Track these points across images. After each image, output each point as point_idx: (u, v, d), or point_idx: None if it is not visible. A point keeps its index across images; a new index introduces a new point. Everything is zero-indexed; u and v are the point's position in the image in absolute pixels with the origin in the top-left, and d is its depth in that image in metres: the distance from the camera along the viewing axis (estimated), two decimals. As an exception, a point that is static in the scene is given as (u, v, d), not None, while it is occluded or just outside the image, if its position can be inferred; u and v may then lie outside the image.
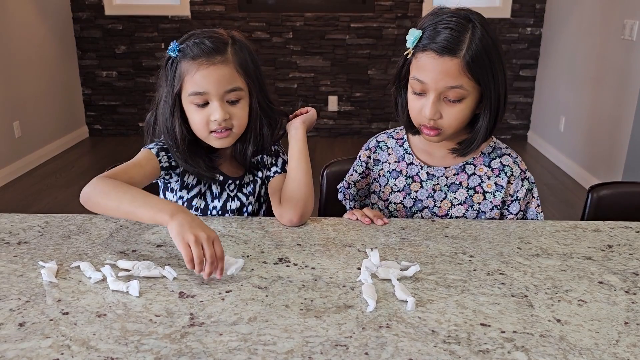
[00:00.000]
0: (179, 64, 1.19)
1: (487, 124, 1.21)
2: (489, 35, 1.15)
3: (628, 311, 0.90)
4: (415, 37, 1.16)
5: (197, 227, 0.97)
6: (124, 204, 1.06)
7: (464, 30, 1.13)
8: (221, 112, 1.18)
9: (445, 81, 1.14)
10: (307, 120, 1.34)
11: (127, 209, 1.06)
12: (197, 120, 1.20)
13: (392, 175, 1.35)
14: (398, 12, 4.70)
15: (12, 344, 0.79)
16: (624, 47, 3.39)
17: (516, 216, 1.31)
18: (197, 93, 1.18)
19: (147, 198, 1.06)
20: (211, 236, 0.97)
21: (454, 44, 1.12)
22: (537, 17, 4.71)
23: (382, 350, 0.79)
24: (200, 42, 1.18)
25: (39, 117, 4.27)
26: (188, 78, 1.18)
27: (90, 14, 4.74)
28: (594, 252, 1.11)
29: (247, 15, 4.73)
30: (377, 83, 4.90)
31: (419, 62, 1.17)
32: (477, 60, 1.13)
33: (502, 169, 1.31)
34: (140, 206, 1.04)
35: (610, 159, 3.56)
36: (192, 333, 0.82)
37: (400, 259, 1.06)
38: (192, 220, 0.99)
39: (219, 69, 1.17)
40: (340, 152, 4.51)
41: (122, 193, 1.07)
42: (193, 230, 0.96)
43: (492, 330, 0.84)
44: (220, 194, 1.31)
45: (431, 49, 1.14)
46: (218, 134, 1.21)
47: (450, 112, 1.18)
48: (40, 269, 1.00)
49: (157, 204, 1.03)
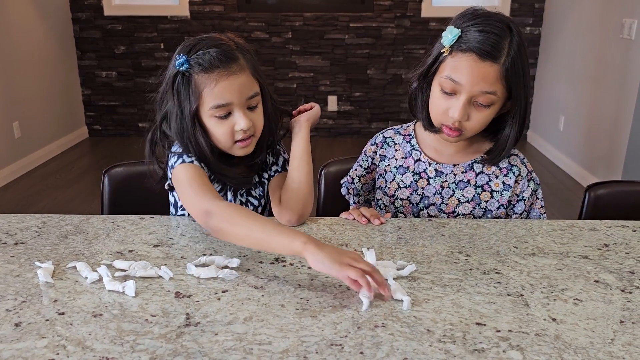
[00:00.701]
0: (191, 79, 1.14)
1: (516, 131, 1.21)
2: (523, 44, 1.16)
3: (624, 310, 0.90)
4: (454, 36, 1.14)
5: (342, 251, 0.95)
6: (255, 232, 1.03)
7: (504, 36, 1.13)
8: (246, 121, 1.16)
9: (481, 86, 1.14)
10: (311, 117, 1.33)
11: (259, 237, 1.02)
12: (220, 132, 1.17)
13: (399, 172, 1.35)
14: (397, 11, 4.70)
15: (7, 344, 0.80)
16: (623, 46, 3.39)
17: (520, 216, 1.32)
18: (220, 106, 1.14)
19: (277, 226, 1.05)
20: (358, 255, 0.96)
21: (497, 49, 1.12)
22: (536, 17, 4.71)
23: (377, 350, 0.79)
24: (210, 53, 1.13)
25: (39, 117, 4.27)
26: (207, 91, 1.13)
27: (89, 15, 4.74)
28: (590, 251, 1.11)
29: (246, 15, 4.74)
30: (377, 83, 4.90)
31: (457, 62, 1.15)
32: (514, 69, 1.13)
33: (510, 169, 1.31)
34: (274, 235, 1.01)
35: (609, 158, 3.56)
36: (188, 333, 0.82)
37: (397, 259, 1.07)
38: (333, 247, 0.98)
39: (239, 77, 1.15)
40: (340, 152, 4.51)
41: (251, 221, 1.04)
42: (344, 255, 0.94)
43: (487, 329, 0.84)
44: (234, 201, 1.30)
45: (472, 51, 1.13)
46: (243, 143, 1.19)
47: (477, 116, 1.18)
48: (36, 269, 1.01)
49: (290, 233, 1.00)
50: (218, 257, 1.04)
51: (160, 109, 1.22)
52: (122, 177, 1.51)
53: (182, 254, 1.08)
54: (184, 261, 1.05)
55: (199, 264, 1.03)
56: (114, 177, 1.51)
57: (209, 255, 1.06)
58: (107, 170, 1.51)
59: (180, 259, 1.06)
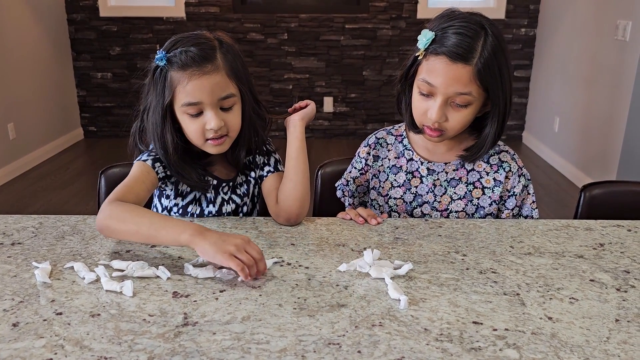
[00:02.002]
0: (167, 73, 1.16)
1: (495, 130, 1.23)
2: (499, 42, 1.16)
3: (619, 309, 0.91)
4: (428, 39, 1.17)
5: (227, 238, 0.98)
6: (142, 227, 1.04)
7: (477, 37, 1.15)
8: (217, 121, 1.17)
9: (455, 87, 1.16)
10: (306, 115, 1.32)
11: (146, 232, 1.04)
12: (192, 129, 1.19)
13: (392, 171, 1.37)
14: (392, 13, 4.71)
15: (5, 344, 0.80)
16: (617, 47, 3.41)
17: (512, 211, 1.33)
18: (190, 104, 1.16)
19: (165, 220, 1.06)
20: (245, 240, 0.99)
21: (468, 51, 1.14)
22: (531, 18, 4.73)
23: (374, 349, 0.79)
24: (188, 50, 1.15)
25: (34, 118, 4.26)
26: (180, 88, 1.15)
27: (84, 16, 4.73)
28: (585, 251, 1.12)
29: (242, 16, 4.74)
30: (372, 84, 4.91)
31: (430, 65, 1.18)
32: (488, 69, 1.14)
33: (500, 165, 1.33)
34: (161, 229, 1.03)
35: (604, 159, 3.57)
36: (186, 332, 0.83)
37: (394, 258, 1.07)
38: (219, 234, 1.00)
39: (211, 78, 1.15)
40: (336, 153, 4.52)
41: (139, 217, 1.06)
42: (228, 243, 0.97)
43: (484, 328, 0.85)
44: (215, 198, 1.30)
45: (444, 54, 1.15)
46: (214, 141, 1.20)
47: (455, 116, 1.20)
48: (34, 269, 1.01)
49: (177, 225, 1.02)
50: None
51: (144, 102, 1.25)
52: (119, 178, 1.50)
53: (180, 254, 1.08)
54: (182, 261, 1.05)
55: (197, 264, 1.03)
56: (110, 177, 1.50)
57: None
58: (104, 171, 1.51)
59: (177, 259, 1.06)
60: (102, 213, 1.08)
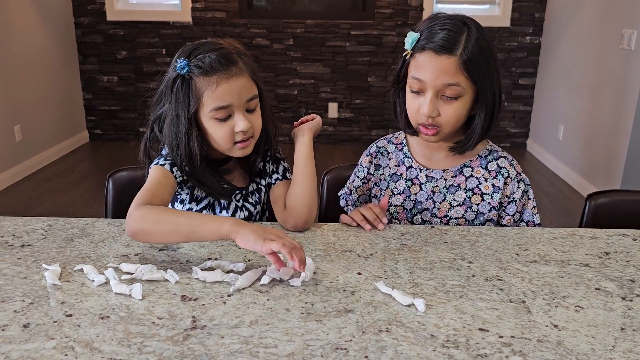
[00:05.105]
0: (191, 82, 1.16)
1: (483, 122, 1.25)
2: (484, 38, 1.21)
3: (624, 317, 0.91)
4: (413, 39, 1.22)
5: (267, 228, 1.02)
6: (181, 226, 1.05)
7: (460, 32, 1.19)
8: (246, 122, 1.19)
9: (443, 78, 1.19)
10: (313, 127, 1.37)
11: (186, 230, 1.05)
12: (220, 134, 1.20)
13: (393, 179, 1.38)
14: (398, 19, 4.73)
15: (16, 344, 0.80)
16: (623, 56, 3.42)
17: (513, 217, 1.34)
18: (220, 107, 1.17)
19: (202, 216, 1.09)
20: (283, 232, 1.03)
21: (451, 43, 1.18)
22: (536, 26, 4.74)
23: (381, 354, 0.80)
24: (211, 56, 1.16)
25: (40, 121, 4.28)
26: (208, 94, 1.16)
27: (92, 19, 4.76)
28: (591, 259, 1.13)
29: (248, 22, 4.76)
30: (377, 90, 4.92)
31: (418, 62, 1.22)
32: (473, 60, 1.18)
33: (498, 171, 1.34)
34: (201, 224, 1.04)
35: (608, 168, 3.57)
36: (194, 336, 0.83)
37: (400, 264, 1.08)
38: (257, 226, 1.03)
39: (238, 80, 1.18)
40: (340, 159, 4.53)
41: (175, 217, 1.07)
42: (268, 232, 1.00)
43: (490, 335, 0.85)
44: (229, 204, 1.31)
45: (429, 48, 1.19)
46: (242, 144, 1.21)
47: (447, 109, 1.22)
48: (43, 271, 1.02)
49: (216, 219, 1.04)
50: (224, 261, 1.05)
51: (155, 110, 1.25)
52: (126, 181, 1.52)
53: (187, 258, 1.09)
54: (190, 265, 1.06)
55: (205, 267, 1.04)
56: (118, 181, 1.52)
57: (214, 260, 1.07)
58: (112, 174, 1.53)
59: (185, 262, 1.07)
60: (131, 218, 1.07)
